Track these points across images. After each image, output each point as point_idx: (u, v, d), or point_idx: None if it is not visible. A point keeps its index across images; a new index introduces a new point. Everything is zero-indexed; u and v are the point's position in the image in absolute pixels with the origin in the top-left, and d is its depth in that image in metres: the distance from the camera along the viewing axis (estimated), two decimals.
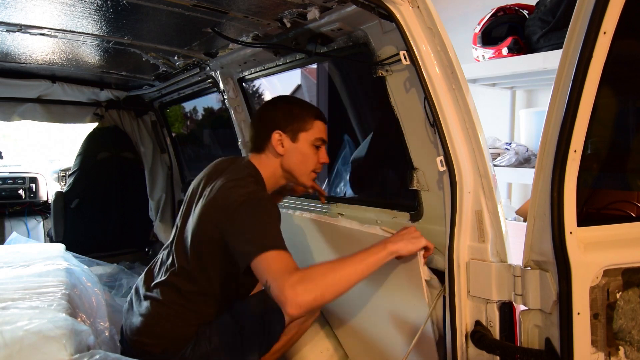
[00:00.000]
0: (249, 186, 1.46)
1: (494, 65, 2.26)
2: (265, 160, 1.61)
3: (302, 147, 1.59)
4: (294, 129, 1.57)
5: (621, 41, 1.02)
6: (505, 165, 2.24)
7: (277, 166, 1.61)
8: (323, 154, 1.63)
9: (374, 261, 1.29)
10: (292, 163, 1.60)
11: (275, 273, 1.21)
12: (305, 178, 1.63)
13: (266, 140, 1.59)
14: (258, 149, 1.63)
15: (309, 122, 1.59)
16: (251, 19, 1.60)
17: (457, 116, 1.26)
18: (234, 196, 1.40)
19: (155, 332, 1.56)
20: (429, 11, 1.22)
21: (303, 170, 1.61)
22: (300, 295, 1.15)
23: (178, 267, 1.56)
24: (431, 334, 1.44)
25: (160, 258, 1.70)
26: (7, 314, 1.53)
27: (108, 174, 3.71)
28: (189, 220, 1.58)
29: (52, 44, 2.08)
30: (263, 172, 1.59)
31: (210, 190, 1.51)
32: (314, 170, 1.63)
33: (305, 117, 1.59)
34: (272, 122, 1.59)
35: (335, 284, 1.22)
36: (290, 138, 1.58)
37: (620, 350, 1.13)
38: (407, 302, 1.52)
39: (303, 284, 1.17)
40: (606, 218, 1.28)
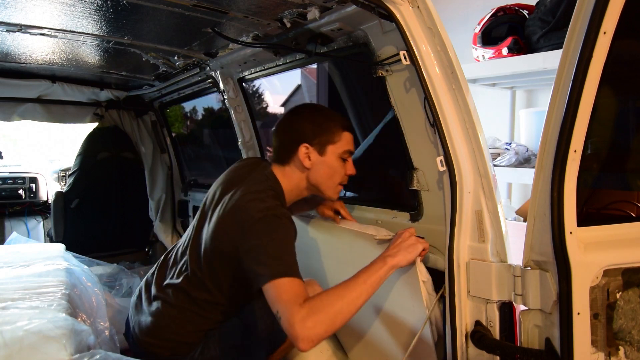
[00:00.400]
0: (267, 201, 1.41)
1: (494, 65, 2.26)
2: (290, 173, 1.55)
3: (329, 160, 1.53)
4: (321, 142, 1.51)
5: (621, 41, 1.02)
6: (505, 165, 2.24)
7: (302, 179, 1.56)
8: (350, 166, 1.58)
9: (377, 280, 1.30)
10: (318, 177, 1.54)
11: (286, 304, 1.21)
12: (332, 192, 1.58)
13: (292, 153, 1.53)
14: (282, 161, 1.56)
15: (337, 134, 1.52)
16: (251, 19, 1.60)
17: (457, 116, 1.26)
18: (252, 211, 1.37)
19: (165, 335, 1.55)
20: (429, 11, 1.22)
21: (330, 184, 1.56)
22: (310, 330, 1.16)
23: (191, 272, 1.54)
24: (431, 334, 1.44)
25: (173, 255, 1.67)
26: (7, 314, 1.53)
27: (108, 174, 3.70)
28: (205, 227, 1.55)
29: (52, 44, 2.08)
30: (285, 184, 1.54)
31: (229, 200, 1.47)
32: (341, 183, 1.58)
33: (333, 129, 1.52)
34: (299, 134, 1.52)
35: (343, 311, 1.23)
36: (317, 151, 1.52)
37: (620, 350, 1.13)
38: (407, 302, 1.52)
39: (312, 318, 1.17)
40: (606, 218, 1.28)
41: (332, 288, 1.28)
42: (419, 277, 1.40)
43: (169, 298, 1.57)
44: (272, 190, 1.48)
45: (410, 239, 1.38)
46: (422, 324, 1.40)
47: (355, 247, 1.74)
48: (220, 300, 1.54)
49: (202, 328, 1.56)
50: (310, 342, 1.16)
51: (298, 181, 1.56)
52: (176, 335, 1.55)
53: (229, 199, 1.48)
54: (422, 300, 1.42)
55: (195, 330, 1.55)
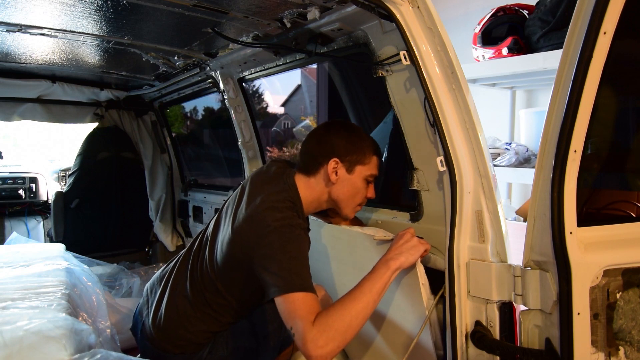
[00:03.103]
0: (284, 211, 1.41)
1: (494, 65, 2.26)
2: (314, 184, 1.54)
3: (355, 180, 1.52)
4: (352, 160, 1.51)
5: (621, 41, 1.02)
6: (505, 165, 2.24)
7: (324, 193, 1.55)
8: (372, 190, 1.57)
9: (382, 286, 1.32)
10: (341, 194, 1.53)
11: (299, 322, 1.22)
12: (350, 210, 1.58)
13: (320, 165, 1.52)
14: (308, 171, 1.55)
15: (367, 157, 1.52)
16: (251, 19, 1.60)
17: (457, 116, 1.26)
18: (268, 220, 1.37)
19: (177, 333, 1.56)
20: (429, 11, 1.22)
21: (350, 202, 1.55)
22: (322, 349, 1.19)
23: (207, 276, 1.55)
24: (431, 334, 1.44)
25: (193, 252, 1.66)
26: (7, 314, 1.53)
27: (108, 174, 3.70)
28: (221, 230, 1.55)
29: (52, 44, 2.08)
30: (306, 195, 1.53)
31: (247, 207, 1.47)
32: (360, 204, 1.58)
33: (365, 151, 1.52)
34: (332, 148, 1.51)
35: (352, 324, 1.25)
36: (346, 168, 1.51)
37: (620, 351, 1.13)
38: (407, 303, 1.52)
39: (323, 336, 1.20)
40: (606, 218, 1.28)
41: (339, 301, 1.29)
42: (419, 279, 1.40)
43: (185, 297, 1.58)
44: (290, 201, 1.47)
45: (412, 240, 1.38)
46: (422, 325, 1.40)
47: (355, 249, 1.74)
48: (233, 304, 1.55)
49: (213, 329, 1.57)
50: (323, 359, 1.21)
51: (320, 194, 1.55)
52: (188, 333, 1.55)
53: (247, 206, 1.48)
54: (421, 300, 1.42)
55: (207, 331, 1.56)
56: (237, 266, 1.47)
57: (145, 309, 1.70)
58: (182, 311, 1.56)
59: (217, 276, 1.52)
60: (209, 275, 1.54)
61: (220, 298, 1.54)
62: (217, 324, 1.57)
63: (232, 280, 1.51)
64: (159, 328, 1.58)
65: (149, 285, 1.78)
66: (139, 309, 1.75)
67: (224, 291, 1.52)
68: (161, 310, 1.61)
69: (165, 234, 3.70)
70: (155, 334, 1.59)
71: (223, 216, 1.60)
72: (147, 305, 1.70)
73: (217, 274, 1.52)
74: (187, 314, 1.56)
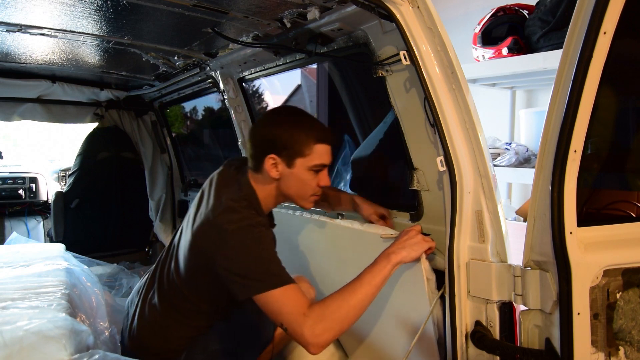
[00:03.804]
0: (241, 211, 1.39)
1: (494, 65, 2.25)
2: (262, 180, 1.49)
3: (298, 173, 1.44)
4: (290, 154, 1.42)
5: (621, 41, 1.02)
6: (505, 165, 2.24)
7: (273, 188, 1.50)
8: (323, 178, 1.49)
9: (382, 279, 1.31)
10: (288, 188, 1.48)
11: (290, 316, 1.23)
12: (305, 202, 1.52)
13: (261, 162, 1.46)
14: (254, 169, 1.50)
15: (307, 147, 1.42)
16: (251, 19, 1.60)
17: (457, 116, 1.26)
18: (225, 224, 1.35)
19: (150, 342, 1.56)
20: (429, 11, 1.22)
21: (300, 194, 1.50)
22: (319, 337, 1.22)
23: (173, 282, 1.54)
24: (431, 333, 1.44)
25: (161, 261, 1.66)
26: (7, 314, 1.53)
27: (108, 174, 3.70)
28: (184, 236, 1.54)
29: (52, 44, 2.08)
30: (260, 192, 1.49)
31: (204, 210, 1.45)
32: (313, 194, 1.51)
33: (304, 141, 1.42)
34: (267, 144, 1.44)
35: (350, 314, 1.26)
36: (285, 163, 1.44)
37: (620, 351, 1.13)
38: (407, 302, 1.52)
39: (321, 324, 1.22)
40: (606, 218, 1.28)
41: (338, 291, 1.29)
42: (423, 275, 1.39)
43: (154, 306, 1.57)
44: (247, 200, 1.44)
45: (416, 237, 1.37)
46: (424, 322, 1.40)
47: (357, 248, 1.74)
48: (202, 308, 1.53)
49: (187, 334, 1.55)
50: (320, 348, 1.23)
51: (270, 190, 1.50)
52: (161, 341, 1.55)
53: (204, 209, 1.45)
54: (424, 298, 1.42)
55: (180, 337, 1.55)
56: (201, 271, 1.44)
57: (125, 321, 1.71)
58: (152, 320, 1.56)
59: (182, 282, 1.51)
60: (175, 282, 1.53)
61: (188, 303, 1.52)
62: (191, 329, 1.55)
63: (197, 285, 1.49)
64: (133, 340, 1.59)
65: (129, 300, 1.78)
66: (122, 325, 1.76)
67: (191, 296, 1.51)
68: (135, 322, 1.61)
69: (165, 234, 3.70)
70: (131, 346, 1.59)
71: (186, 222, 1.57)
72: (126, 318, 1.71)
73: (182, 280, 1.50)
74: (157, 322, 1.55)
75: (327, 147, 1.47)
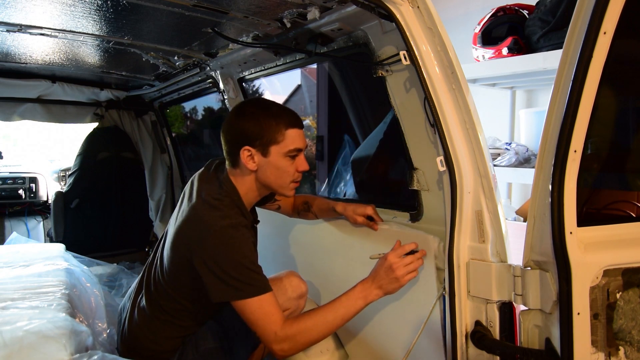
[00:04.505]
0: (223, 209, 1.40)
1: (494, 65, 2.25)
2: (241, 175, 1.50)
3: (274, 160, 1.45)
4: (263, 143, 1.43)
5: (621, 41, 1.02)
6: (505, 165, 2.24)
7: (252, 181, 1.50)
8: (301, 162, 1.49)
9: (354, 313, 1.38)
10: (267, 177, 1.48)
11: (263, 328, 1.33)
12: (286, 190, 1.52)
13: (236, 156, 1.46)
14: (232, 164, 1.51)
15: (279, 133, 1.43)
16: (251, 19, 1.60)
17: (457, 116, 1.26)
18: (208, 221, 1.36)
19: (141, 344, 1.56)
20: (429, 11, 1.22)
21: (280, 183, 1.50)
22: (286, 352, 1.34)
23: (159, 283, 1.55)
24: (431, 333, 1.44)
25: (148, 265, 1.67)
26: (7, 314, 1.53)
27: (108, 174, 3.70)
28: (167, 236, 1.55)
29: (52, 44, 2.07)
30: (240, 188, 1.50)
31: (186, 208, 1.46)
32: (294, 181, 1.51)
33: (275, 128, 1.43)
34: (240, 136, 1.45)
35: (318, 338, 1.37)
36: (260, 153, 1.44)
37: (620, 351, 1.13)
38: (408, 302, 1.52)
39: (289, 343, 1.33)
40: (606, 218, 1.28)
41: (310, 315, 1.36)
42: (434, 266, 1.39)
43: (142, 309, 1.58)
44: (228, 197, 1.46)
45: (398, 270, 1.35)
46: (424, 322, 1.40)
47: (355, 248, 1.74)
48: (188, 307, 1.53)
49: (177, 335, 1.55)
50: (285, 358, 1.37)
51: (250, 183, 1.51)
52: (152, 343, 1.55)
53: (186, 207, 1.47)
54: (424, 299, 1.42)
55: (170, 337, 1.55)
56: (183, 269, 1.45)
57: (119, 326, 1.71)
58: (142, 323, 1.56)
59: (166, 282, 1.51)
60: (160, 282, 1.54)
61: (174, 303, 1.52)
62: (180, 329, 1.55)
63: (180, 283, 1.50)
64: (125, 344, 1.60)
65: (122, 304, 1.78)
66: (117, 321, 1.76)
67: (175, 295, 1.51)
68: (126, 326, 1.62)
69: None
70: (124, 350, 1.60)
71: (170, 224, 1.59)
72: (119, 324, 1.72)
73: (167, 280, 1.51)
74: (147, 324, 1.55)
75: (299, 131, 1.48)
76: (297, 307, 1.78)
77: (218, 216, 1.38)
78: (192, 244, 1.38)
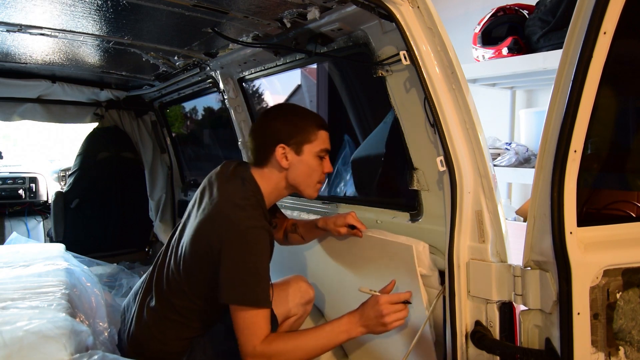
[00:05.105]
0: (248, 209, 1.42)
1: (494, 65, 2.26)
2: (268, 174, 1.55)
3: (307, 159, 1.53)
4: (297, 142, 1.51)
5: (621, 41, 1.02)
6: (505, 165, 2.24)
7: (281, 180, 1.55)
8: (327, 164, 1.58)
9: (335, 344, 1.40)
10: (297, 176, 1.54)
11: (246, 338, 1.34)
12: (311, 190, 1.58)
13: (269, 154, 1.53)
14: (260, 163, 1.56)
15: (312, 133, 1.53)
16: (251, 19, 1.60)
17: (457, 116, 1.26)
18: (233, 220, 1.38)
19: (150, 345, 1.55)
20: (429, 11, 1.22)
21: (309, 182, 1.56)
22: None
23: (174, 281, 1.54)
24: (431, 334, 1.44)
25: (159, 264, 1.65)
26: (7, 314, 1.53)
27: (108, 174, 3.70)
28: (185, 234, 1.54)
29: (52, 44, 2.08)
30: (265, 187, 1.54)
31: (209, 204, 1.47)
32: (319, 182, 1.58)
33: (309, 128, 1.53)
34: (275, 135, 1.52)
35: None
36: (294, 151, 1.52)
37: (620, 351, 1.13)
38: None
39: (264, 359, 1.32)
40: (606, 218, 1.28)
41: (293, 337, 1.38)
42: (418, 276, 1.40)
43: (152, 309, 1.57)
44: (254, 197, 1.48)
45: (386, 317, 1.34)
46: (424, 322, 1.40)
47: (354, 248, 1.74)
48: (200, 306, 1.53)
49: (186, 336, 1.55)
50: None
51: (277, 182, 1.55)
52: (161, 344, 1.54)
53: (209, 204, 1.47)
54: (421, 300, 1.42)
55: (179, 338, 1.54)
56: (201, 265, 1.45)
57: (123, 326, 1.70)
58: (151, 322, 1.55)
59: (182, 278, 1.51)
60: (175, 279, 1.53)
61: (187, 301, 1.52)
62: (189, 330, 1.55)
63: (197, 280, 1.49)
64: (132, 344, 1.59)
65: (125, 303, 1.77)
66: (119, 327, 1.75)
67: (190, 293, 1.51)
68: (133, 325, 1.61)
69: (165, 234, 3.70)
70: (130, 351, 1.58)
71: (186, 222, 1.59)
72: (123, 323, 1.70)
73: (183, 276, 1.51)
74: (156, 324, 1.55)
75: (327, 133, 1.58)
76: (304, 312, 1.78)
77: (244, 216, 1.39)
78: (215, 242, 1.38)
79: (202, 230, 1.44)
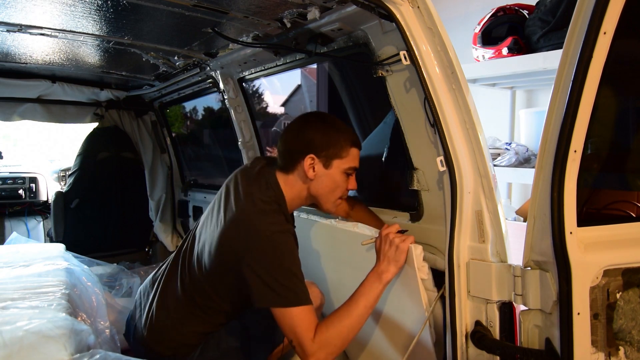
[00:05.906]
0: (272, 215, 1.42)
1: (494, 65, 2.26)
2: (292, 181, 1.51)
3: (334, 174, 1.49)
4: (328, 155, 1.47)
5: (621, 41, 1.02)
6: (505, 165, 2.24)
7: (304, 189, 1.52)
8: (353, 182, 1.54)
9: (375, 298, 1.39)
10: (320, 189, 1.51)
11: (300, 337, 1.32)
12: (331, 205, 1.55)
13: (296, 161, 1.49)
14: (286, 168, 1.52)
15: (344, 149, 1.48)
16: (251, 19, 1.60)
17: (457, 116, 1.26)
18: (258, 225, 1.37)
19: (168, 335, 1.56)
20: (429, 11, 1.22)
21: (330, 197, 1.53)
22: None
23: (196, 278, 1.54)
24: (431, 334, 1.44)
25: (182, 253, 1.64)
26: (7, 314, 1.53)
27: (108, 174, 3.70)
28: (209, 232, 1.53)
29: (52, 44, 2.08)
30: (288, 193, 1.51)
31: (234, 208, 1.45)
32: (341, 197, 1.55)
33: (342, 144, 1.48)
34: (306, 144, 1.48)
35: (349, 336, 1.36)
36: (323, 164, 1.48)
37: (620, 351, 1.13)
38: (407, 303, 1.52)
39: (325, 350, 1.32)
40: (606, 218, 1.28)
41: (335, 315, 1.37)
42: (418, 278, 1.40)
43: (177, 300, 1.57)
44: (277, 203, 1.47)
45: (395, 241, 1.39)
46: (422, 324, 1.40)
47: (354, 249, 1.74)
48: (224, 307, 1.54)
49: (204, 330, 1.56)
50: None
51: (299, 191, 1.52)
52: (179, 335, 1.55)
53: (234, 207, 1.46)
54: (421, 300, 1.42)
55: (198, 333, 1.56)
56: (226, 270, 1.45)
57: (138, 312, 1.69)
58: (174, 313, 1.56)
59: (205, 280, 1.51)
60: (197, 278, 1.53)
61: (210, 301, 1.52)
62: (209, 325, 1.56)
63: (222, 284, 1.50)
64: (150, 330, 1.58)
65: (142, 289, 1.77)
66: (131, 313, 1.75)
67: (214, 294, 1.51)
68: (152, 312, 1.60)
69: (165, 234, 3.70)
70: (147, 336, 1.58)
71: (209, 217, 1.58)
72: (140, 308, 1.70)
73: (206, 278, 1.50)
74: (179, 316, 1.55)
75: (359, 152, 1.54)
76: None
77: (269, 222, 1.39)
78: (240, 248, 1.37)
79: (227, 237, 1.43)
